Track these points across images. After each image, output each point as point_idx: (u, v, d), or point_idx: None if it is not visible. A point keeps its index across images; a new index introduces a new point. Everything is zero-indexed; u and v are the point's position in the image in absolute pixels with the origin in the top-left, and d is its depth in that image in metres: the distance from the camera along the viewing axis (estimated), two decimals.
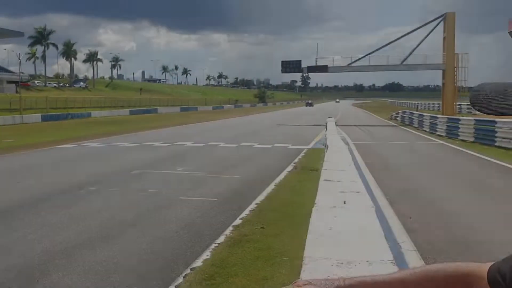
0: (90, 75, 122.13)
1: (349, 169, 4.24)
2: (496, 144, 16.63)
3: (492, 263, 0.88)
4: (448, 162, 14.30)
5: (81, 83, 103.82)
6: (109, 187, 10.28)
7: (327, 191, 2.69)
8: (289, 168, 12.73)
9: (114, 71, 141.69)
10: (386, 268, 1.36)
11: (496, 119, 18.03)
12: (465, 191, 9.47)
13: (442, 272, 0.93)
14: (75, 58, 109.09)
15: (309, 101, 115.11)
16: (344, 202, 2.25)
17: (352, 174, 3.78)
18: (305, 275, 1.30)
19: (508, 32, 27.62)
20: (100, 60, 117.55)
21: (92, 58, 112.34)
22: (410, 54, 38.95)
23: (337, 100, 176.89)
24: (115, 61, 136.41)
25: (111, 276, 5.21)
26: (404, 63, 39.40)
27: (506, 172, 11.81)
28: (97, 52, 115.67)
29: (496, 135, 16.82)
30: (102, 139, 23.29)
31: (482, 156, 14.72)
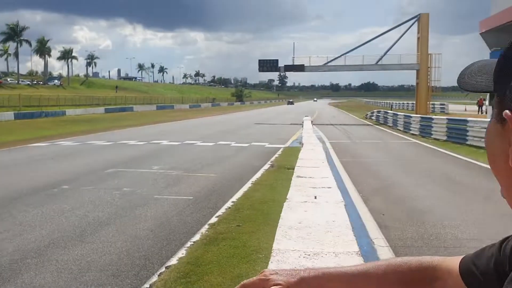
0: (64, 73, 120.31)
1: (322, 166, 4.30)
2: (467, 142, 17.03)
3: (460, 256, 0.88)
4: (421, 160, 14.58)
5: (56, 80, 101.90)
6: (83, 186, 10.15)
7: (299, 187, 2.74)
8: (266, 166, 12.79)
9: (90, 69, 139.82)
10: (352, 259, 1.40)
11: (468, 119, 18.47)
12: (436, 188, 9.67)
13: (406, 265, 0.93)
14: (49, 55, 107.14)
15: (291, 100, 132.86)
16: (315, 197, 2.30)
17: (324, 171, 3.84)
18: (272, 266, 1.33)
19: (480, 34, 28.27)
20: (75, 57, 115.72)
21: (66, 55, 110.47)
22: (384, 54, 39.56)
23: (315, 99, 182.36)
24: (91, 59, 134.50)
25: (84, 275, 5.16)
26: (379, 63, 40.00)
27: (476, 169, 12.11)
28: (72, 49, 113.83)
29: (468, 134, 17.21)
30: (77, 137, 22.96)
31: (454, 154, 15.07)
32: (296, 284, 0.94)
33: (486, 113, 29.68)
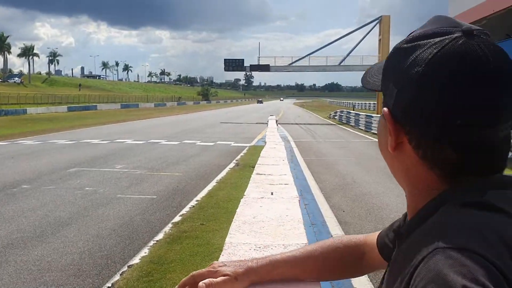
0: (25, 70, 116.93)
1: (282, 164, 4.41)
2: None
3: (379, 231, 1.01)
4: (381, 158, 14.91)
5: (16, 78, 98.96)
6: (44, 186, 9.95)
7: (258, 183, 2.82)
8: (231, 165, 12.86)
9: (52, 67, 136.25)
10: None
11: None
12: (395, 185, 9.98)
13: (342, 243, 1.05)
14: (9, 52, 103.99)
15: (260, 99, 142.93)
16: (272, 193, 2.39)
17: (284, 169, 3.95)
18: (223, 259, 1.41)
19: None
20: (36, 54, 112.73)
21: (27, 52, 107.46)
22: (347, 55, 40.32)
23: (281, 98, 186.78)
24: (53, 56, 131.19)
25: (44, 275, 5.11)
26: (342, 64, 40.72)
27: None
28: (33, 46, 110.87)
29: None
30: (38, 136, 22.38)
31: None
32: (244, 274, 1.03)
33: None
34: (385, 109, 0.67)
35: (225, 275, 1.00)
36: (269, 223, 1.83)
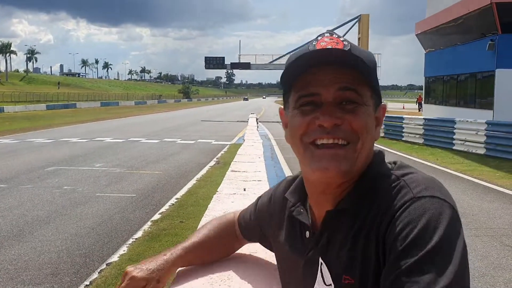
0: (2, 68, 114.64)
1: (258, 161, 4.48)
2: (403, 139, 17.89)
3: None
4: None
5: None
6: (21, 185, 9.85)
7: (232, 180, 2.89)
8: (212, 163, 12.89)
9: (30, 64, 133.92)
10: None
11: (404, 116, 19.37)
12: None
13: (221, 224, 1.28)
14: None
15: (246, 97, 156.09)
16: (244, 190, 2.46)
17: (259, 166, 4.02)
18: None
19: (416, 35, 29.61)
20: (13, 52, 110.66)
21: (4, 49, 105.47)
22: None
23: (264, 96, 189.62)
24: (31, 54, 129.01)
25: (21, 274, 5.09)
26: None
27: (410, 164, 12.75)
28: (10, 43, 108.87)
29: (403, 130, 18.06)
30: (15, 135, 22.04)
31: (390, 150, 15.78)
32: (161, 270, 1.16)
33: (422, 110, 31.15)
34: (385, 104, 0.91)
35: (147, 279, 1.13)
36: None
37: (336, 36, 0.86)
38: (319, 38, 0.86)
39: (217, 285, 1.17)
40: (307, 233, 0.94)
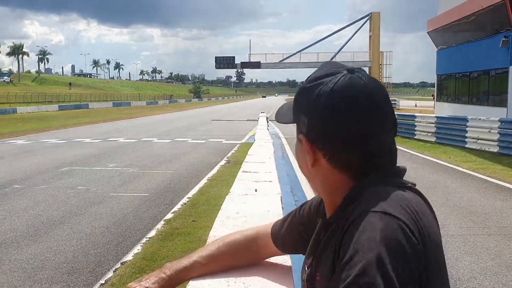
0: (15, 69, 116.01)
1: (269, 162, 4.52)
2: (415, 137, 17.80)
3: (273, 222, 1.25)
4: None
5: (5, 77, 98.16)
6: (36, 185, 10.00)
7: (243, 181, 2.94)
8: (222, 162, 12.95)
9: (42, 65, 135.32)
10: None
11: (416, 114, 19.27)
12: None
13: (240, 238, 1.27)
14: None
15: (264, 95, 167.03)
16: (256, 190, 2.50)
17: (269, 166, 4.06)
18: None
19: (427, 32, 29.40)
20: (25, 53, 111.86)
21: (17, 51, 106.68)
22: (338, 51, 40.49)
23: (276, 94, 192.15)
24: (43, 55, 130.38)
25: (38, 273, 5.19)
26: (333, 60, 40.75)
27: (421, 163, 12.73)
28: (23, 44, 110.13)
29: (416, 129, 17.97)
30: (29, 136, 22.34)
31: (402, 148, 15.72)
32: (158, 285, 1.20)
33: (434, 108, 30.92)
34: (301, 136, 0.89)
35: None
36: (251, 218, 1.95)
37: None
38: None
39: (233, 282, 1.22)
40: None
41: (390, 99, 0.90)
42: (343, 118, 0.81)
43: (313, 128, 0.86)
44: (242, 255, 1.27)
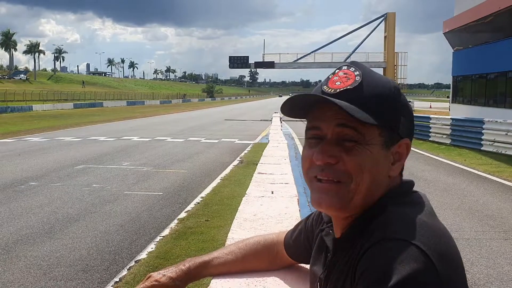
0: (31, 67, 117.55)
1: (284, 163, 4.51)
2: (430, 139, 17.64)
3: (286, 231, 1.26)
4: None
5: (22, 75, 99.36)
6: (51, 182, 10.12)
7: (259, 182, 2.93)
8: (235, 162, 12.97)
9: (57, 63, 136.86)
10: None
11: (431, 116, 19.09)
12: None
13: (259, 242, 1.29)
14: (15, 49, 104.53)
15: (280, 94, 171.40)
16: (272, 192, 2.50)
17: (285, 168, 4.05)
18: None
19: (443, 33, 29.10)
20: (42, 51, 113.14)
21: (33, 49, 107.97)
22: (353, 52, 40.26)
23: (291, 93, 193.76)
24: (58, 53, 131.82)
25: (53, 270, 5.24)
26: (348, 60, 40.58)
27: (436, 165, 12.61)
28: (39, 43, 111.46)
29: (430, 130, 17.81)
30: (45, 133, 22.61)
31: (416, 150, 15.60)
32: (179, 278, 1.22)
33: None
34: (407, 140, 0.89)
35: (167, 286, 1.19)
36: (268, 220, 1.95)
37: (353, 69, 0.88)
38: (336, 71, 0.91)
39: (253, 285, 1.22)
40: (329, 255, 0.95)
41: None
42: (410, 115, 0.91)
43: (409, 128, 0.90)
44: (263, 257, 1.28)
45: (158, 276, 1.20)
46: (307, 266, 1.35)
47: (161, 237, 6.35)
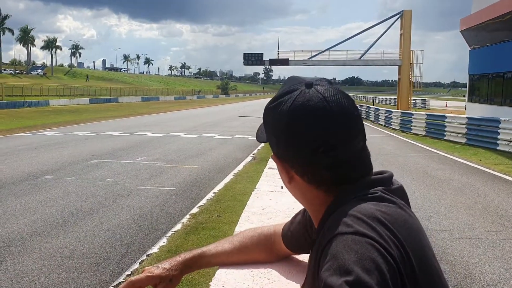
0: (48, 62, 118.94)
1: None
2: (445, 138, 17.46)
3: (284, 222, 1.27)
4: (400, 154, 14.91)
5: (39, 70, 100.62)
6: (66, 176, 10.25)
7: (269, 178, 2.94)
8: (248, 158, 13.00)
9: (74, 59, 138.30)
10: None
11: (446, 115, 18.88)
12: (412, 182, 9.97)
13: (254, 234, 1.30)
14: (33, 45, 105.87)
15: None
16: (282, 187, 2.51)
17: None
18: None
19: (460, 31, 28.72)
20: (59, 47, 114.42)
21: (50, 45, 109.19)
22: (368, 49, 39.95)
23: None
24: (75, 49, 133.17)
25: (67, 262, 5.33)
26: (362, 58, 40.37)
27: (450, 164, 12.48)
28: (56, 39, 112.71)
29: (445, 129, 17.62)
30: (61, 128, 22.89)
31: (431, 149, 15.46)
32: (175, 269, 1.22)
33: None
34: (273, 155, 0.90)
35: (161, 276, 1.19)
36: (276, 214, 1.96)
37: None
38: None
39: (258, 277, 1.24)
40: None
41: (421, 98, 0.86)
42: (304, 136, 0.81)
43: (280, 147, 0.86)
44: (260, 248, 1.30)
45: (152, 268, 1.22)
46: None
47: (173, 232, 6.41)
